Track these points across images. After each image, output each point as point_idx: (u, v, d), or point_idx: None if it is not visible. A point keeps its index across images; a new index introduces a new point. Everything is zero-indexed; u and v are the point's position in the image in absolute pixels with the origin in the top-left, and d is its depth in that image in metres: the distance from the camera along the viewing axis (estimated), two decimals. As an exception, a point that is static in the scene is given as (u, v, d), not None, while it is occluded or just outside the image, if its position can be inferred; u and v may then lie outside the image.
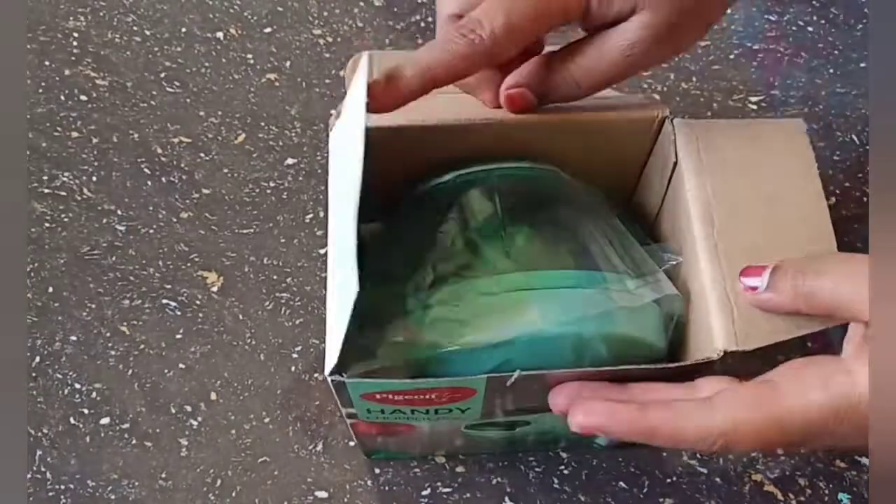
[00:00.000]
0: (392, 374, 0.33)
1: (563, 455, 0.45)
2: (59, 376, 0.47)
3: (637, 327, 0.35)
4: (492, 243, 0.35)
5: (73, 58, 0.57)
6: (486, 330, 0.33)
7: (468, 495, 0.43)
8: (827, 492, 0.43)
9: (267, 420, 0.45)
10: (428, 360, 0.33)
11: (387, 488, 0.44)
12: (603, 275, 0.35)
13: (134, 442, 0.45)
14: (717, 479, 0.44)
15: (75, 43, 0.57)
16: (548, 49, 0.37)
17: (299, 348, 0.48)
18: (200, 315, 0.49)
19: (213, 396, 0.46)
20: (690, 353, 0.36)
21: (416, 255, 0.35)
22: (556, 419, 0.35)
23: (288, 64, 0.58)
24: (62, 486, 0.44)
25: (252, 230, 0.52)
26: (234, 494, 0.43)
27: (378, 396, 0.33)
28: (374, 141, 0.34)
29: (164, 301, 0.49)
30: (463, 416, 0.36)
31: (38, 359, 0.47)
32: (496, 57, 0.34)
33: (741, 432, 0.30)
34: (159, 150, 0.54)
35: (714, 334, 0.34)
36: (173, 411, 0.46)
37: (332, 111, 0.37)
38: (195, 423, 0.45)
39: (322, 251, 0.51)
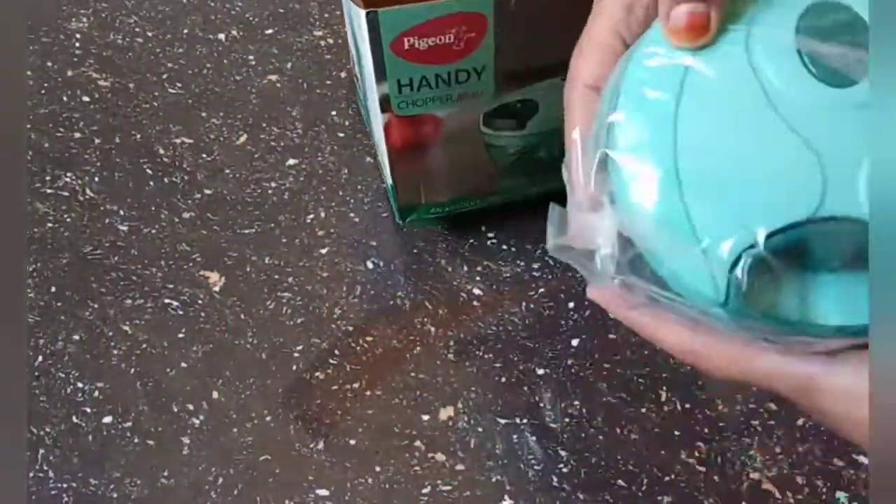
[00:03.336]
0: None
1: (563, 453, 0.45)
2: (62, 375, 0.47)
3: None
4: None
5: (75, 59, 0.57)
6: None
7: (468, 493, 0.44)
8: (825, 490, 0.44)
9: (268, 419, 0.46)
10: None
11: (387, 486, 0.44)
12: None
13: (136, 441, 0.45)
14: (715, 478, 0.44)
15: (78, 44, 0.58)
16: None
17: (300, 347, 0.48)
18: (202, 314, 0.49)
19: (215, 395, 0.46)
20: None
21: None
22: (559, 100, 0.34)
23: (289, 65, 0.58)
24: (64, 485, 0.44)
25: (254, 230, 0.52)
26: (235, 493, 0.44)
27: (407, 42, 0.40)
28: None
29: (167, 301, 0.49)
30: (479, 83, 0.42)
31: (40, 358, 0.47)
32: None
33: (708, 356, 0.32)
34: (161, 151, 0.54)
35: None
36: (175, 410, 0.46)
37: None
38: (197, 421, 0.46)
39: (323, 251, 0.51)
